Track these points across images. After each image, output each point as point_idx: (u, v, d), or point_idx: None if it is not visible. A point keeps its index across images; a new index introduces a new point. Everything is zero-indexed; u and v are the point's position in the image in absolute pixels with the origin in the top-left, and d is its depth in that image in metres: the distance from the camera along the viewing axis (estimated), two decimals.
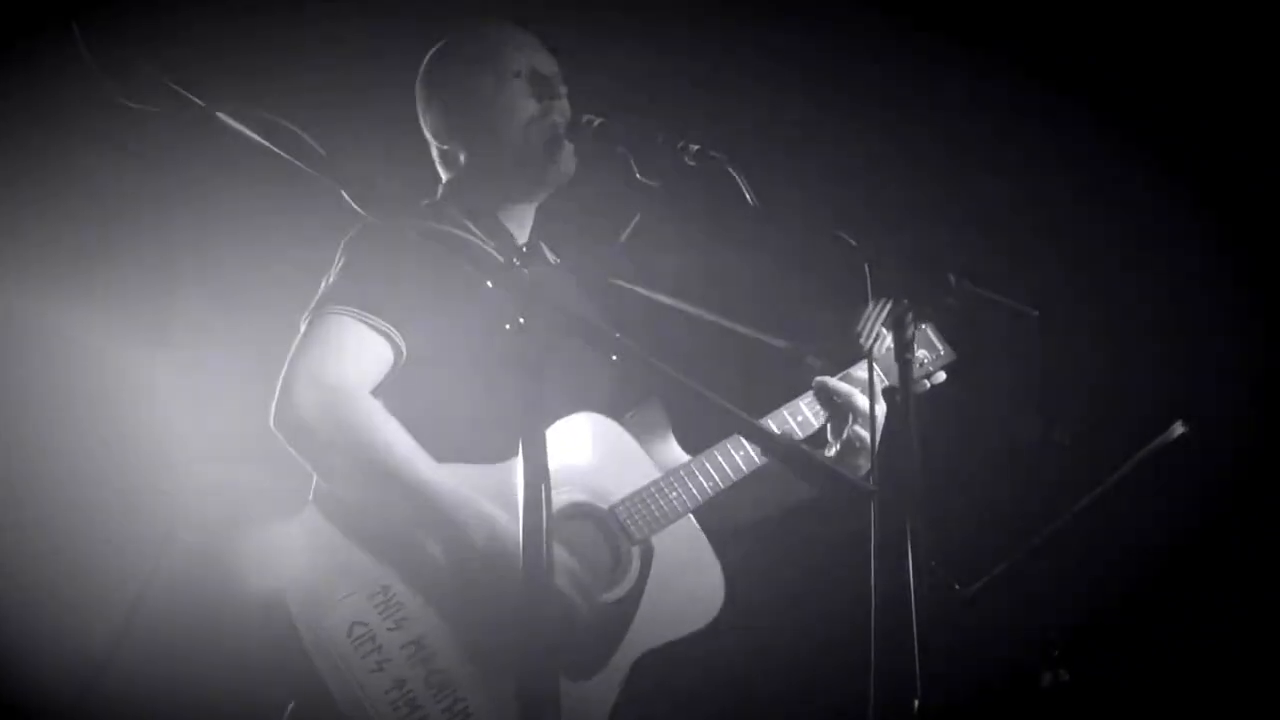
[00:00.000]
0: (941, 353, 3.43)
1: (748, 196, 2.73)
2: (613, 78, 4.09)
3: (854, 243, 2.68)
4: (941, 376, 3.40)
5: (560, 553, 2.95)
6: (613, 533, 3.09)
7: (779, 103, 4.34)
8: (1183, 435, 3.17)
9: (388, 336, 2.98)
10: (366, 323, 2.97)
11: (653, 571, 3.09)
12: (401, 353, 3.01)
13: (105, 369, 4.08)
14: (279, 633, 2.82)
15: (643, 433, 3.28)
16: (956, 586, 3.20)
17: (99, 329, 4.06)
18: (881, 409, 3.21)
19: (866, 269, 2.66)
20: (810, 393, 3.30)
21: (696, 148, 2.86)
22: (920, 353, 3.38)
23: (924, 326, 3.42)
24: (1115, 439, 3.40)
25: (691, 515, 3.17)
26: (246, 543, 3.02)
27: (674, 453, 3.31)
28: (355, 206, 2.47)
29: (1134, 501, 3.30)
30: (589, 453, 3.11)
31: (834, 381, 3.29)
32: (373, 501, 2.93)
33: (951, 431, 3.78)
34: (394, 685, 2.82)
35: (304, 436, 2.91)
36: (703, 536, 3.20)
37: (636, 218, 3.13)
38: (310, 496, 2.98)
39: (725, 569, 3.19)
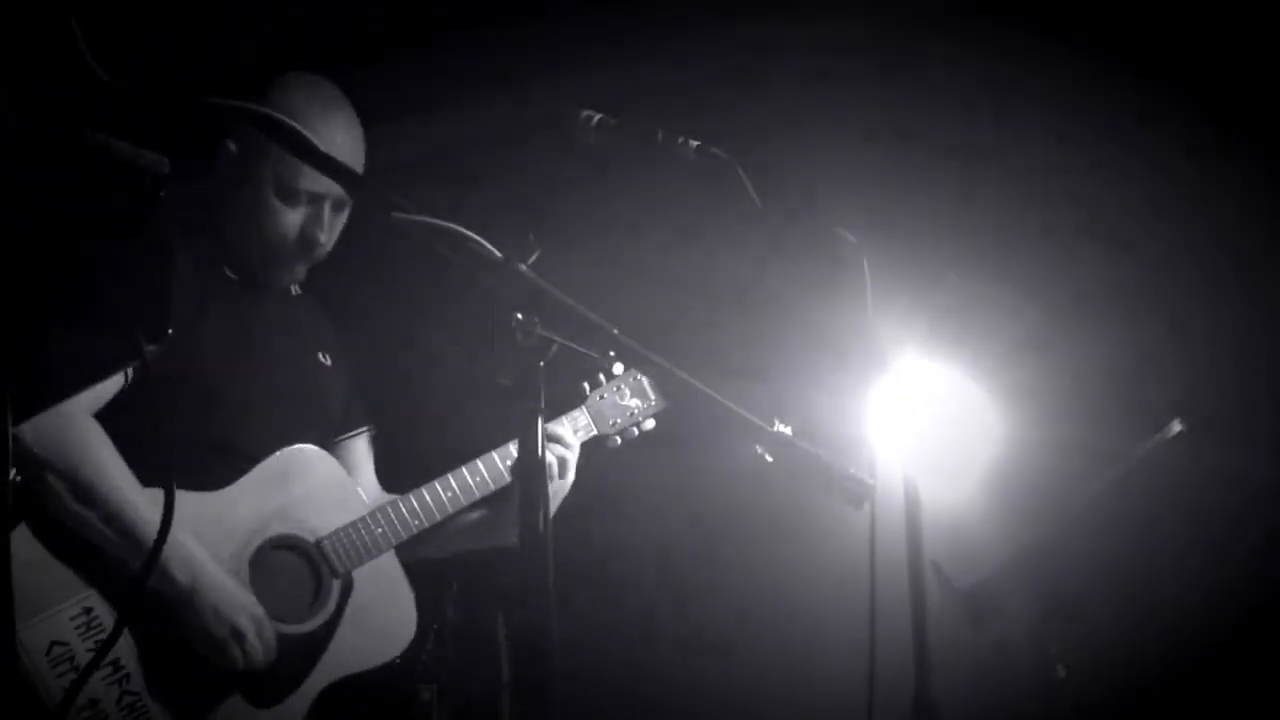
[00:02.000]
0: (653, 401, 3.56)
1: (751, 194, 2.73)
2: (612, 76, 4.10)
3: (853, 240, 2.68)
4: (651, 424, 3.55)
5: (246, 596, 3.05)
6: (316, 564, 3.19)
7: (778, 101, 4.35)
8: (1181, 433, 3.17)
9: None
10: None
11: (349, 604, 3.20)
12: (128, 377, 3.03)
13: None
14: None
15: (351, 463, 3.41)
16: (954, 582, 3.20)
17: None
18: (572, 455, 3.39)
19: (865, 266, 2.67)
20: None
21: (697, 144, 2.86)
22: (633, 401, 3.53)
23: (638, 376, 3.56)
24: (1114, 437, 3.40)
25: (394, 551, 3.29)
26: None
27: (374, 486, 3.45)
28: (356, 202, 2.48)
29: (1132, 499, 3.30)
30: (302, 485, 3.21)
31: (553, 427, 3.38)
32: (80, 529, 2.97)
33: (951, 432, 3.79)
34: (87, 704, 2.89)
35: (23, 455, 2.93)
36: (400, 571, 3.31)
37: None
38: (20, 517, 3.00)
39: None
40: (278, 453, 3.18)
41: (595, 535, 4.15)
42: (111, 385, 3.02)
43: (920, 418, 3.02)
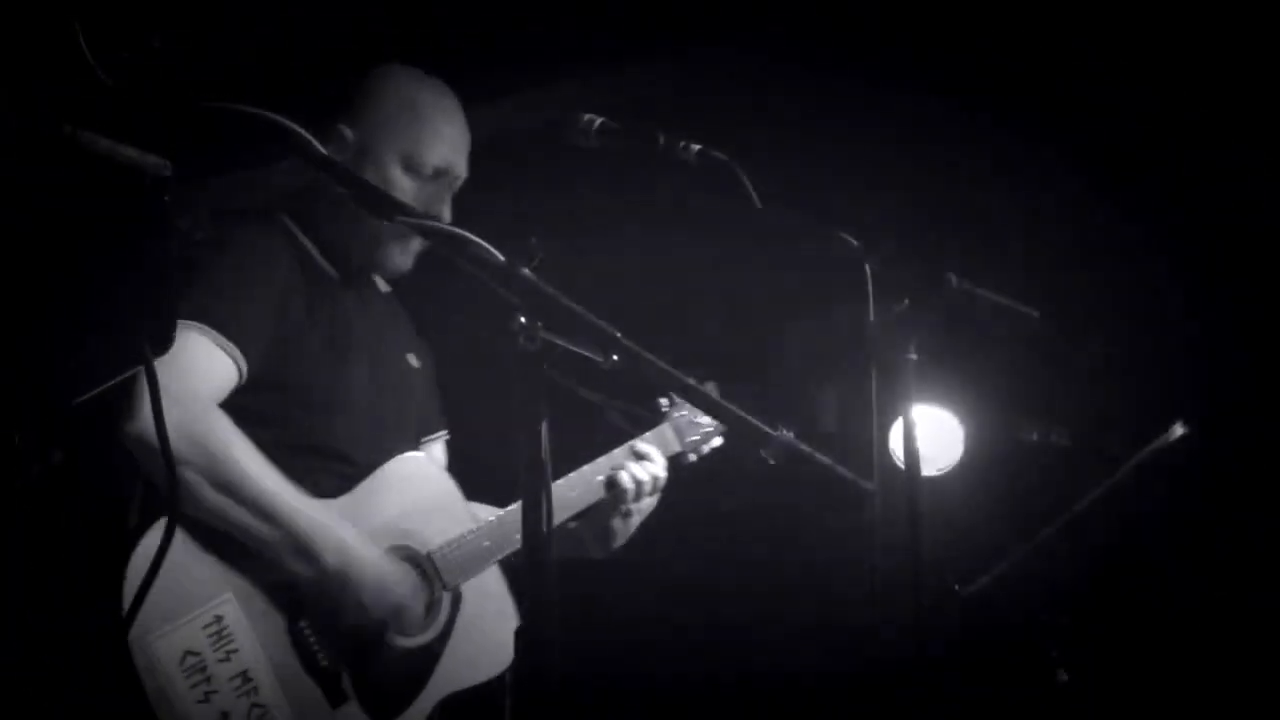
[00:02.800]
0: (712, 429, 3.53)
1: (752, 196, 2.73)
2: (613, 80, 4.11)
3: (855, 242, 2.68)
4: (718, 441, 3.53)
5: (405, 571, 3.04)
6: (429, 577, 3.15)
7: (778, 104, 4.35)
8: (1183, 436, 3.18)
9: (232, 358, 2.97)
10: (216, 343, 2.95)
11: (459, 618, 3.16)
12: (242, 376, 3.00)
13: None
14: (112, 650, 2.84)
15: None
16: (957, 587, 3.21)
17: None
18: (662, 473, 3.38)
19: (867, 269, 2.67)
20: (620, 450, 3.41)
21: (698, 148, 2.86)
22: (704, 417, 3.51)
23: (683, 411, 3.53)
24: (1116, 440, 3.41)
25: (498, 564, 3.25)
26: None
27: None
28: (361, 207, 2.48)
29: (1135, 502, 3.31)
30: (414, 494, 3.18)
31: (633, 467, 3.36)
32: (222, 520, 2.93)
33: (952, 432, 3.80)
34: (219, 716, 2.85)
35: (153, 451, 2.84)
36: (504, 585, 3.27)
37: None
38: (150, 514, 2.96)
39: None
40: (391, 461, 3.14)
41: None
42: (228, 379, 2.98)
43: (921, 420, 3.03)
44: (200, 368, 2.94)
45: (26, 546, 3.98)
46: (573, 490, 3.32)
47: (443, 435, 3.46)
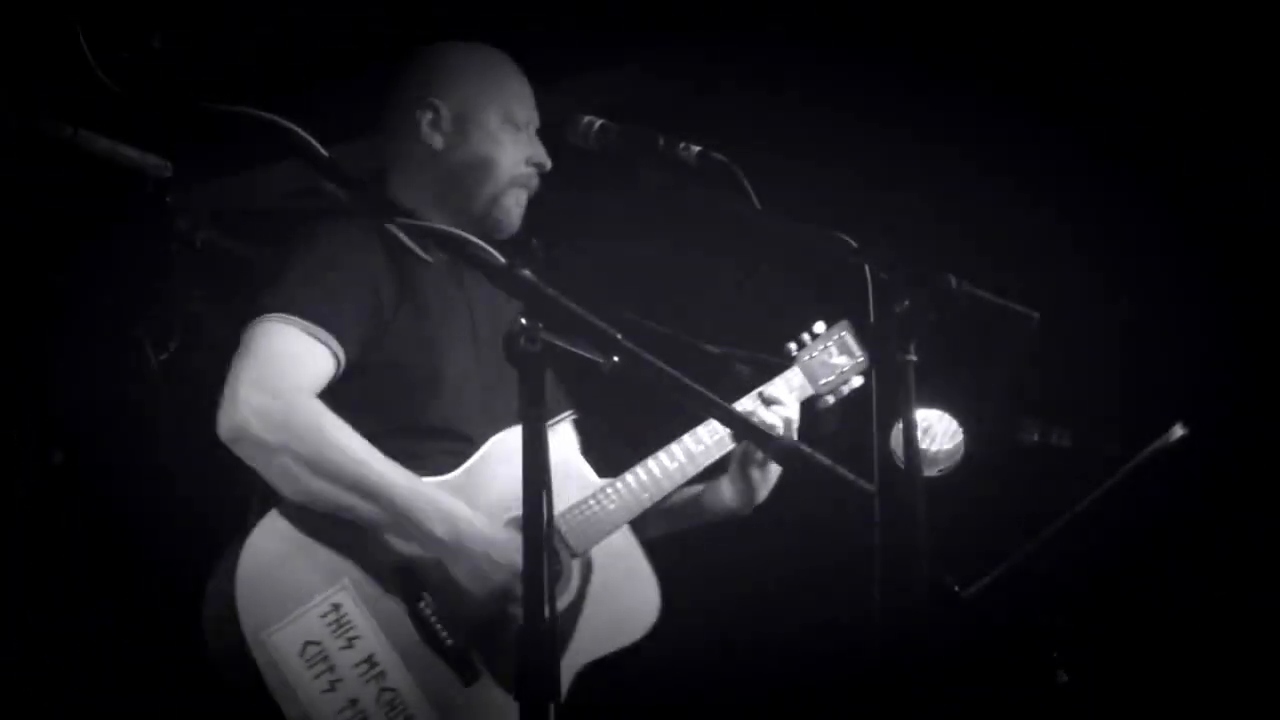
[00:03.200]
0: (858, 359, 3.43)
1: (752, 198, 2.73)
2: (613, 81, 4.11)
3: (854, 244, 2.68)
4: (858, 381, 3.42)
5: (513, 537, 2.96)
6: (554, 546, 3.09)
7: (778, 105, 4.35)
8: (1183, 437, 3.18)
9: (328, 346, 2.97)
10: (307, 331, 2.95)
11: (591, 585, 3.13)
12: (340, 364, 3.00)
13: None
14: (230, 649, 2.82)
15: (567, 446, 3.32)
16: (957, 588, 3.21)
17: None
18: (794, 415, 3.29)
19: (866, 271, 2.66)
20: (747, 398, 3.33)
21: (698, 149, 2.86)
22: (841, 358, 3.42)
23: (843, 333, 3.44)
24: (1115, 441, 3.41)
25: (628, 527, 3.20)
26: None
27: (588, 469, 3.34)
28: (359, 207, 2.49)
29: (1134, 504, 3.31)
30: None
31: (762, 412, 3.30)
32: (328, 504, 2.92)
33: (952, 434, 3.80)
34: (347, 704, 2.83)
35: (251, 443, 2.90)
36: (638, 548, 3.23)
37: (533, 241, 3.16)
38: (264, 506, 2.96)
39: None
40: (501, 433, 3.08)
41: None
42: (324, 368, 2.98)
43: (922, 422, 3.03)
44: (293, 358, 2.93)
45: (26, 547, 3.99)
46: (699, 445, 3.25)
47: (569, 416, 3.37)
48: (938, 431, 3.81)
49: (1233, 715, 4.16)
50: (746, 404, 3.29)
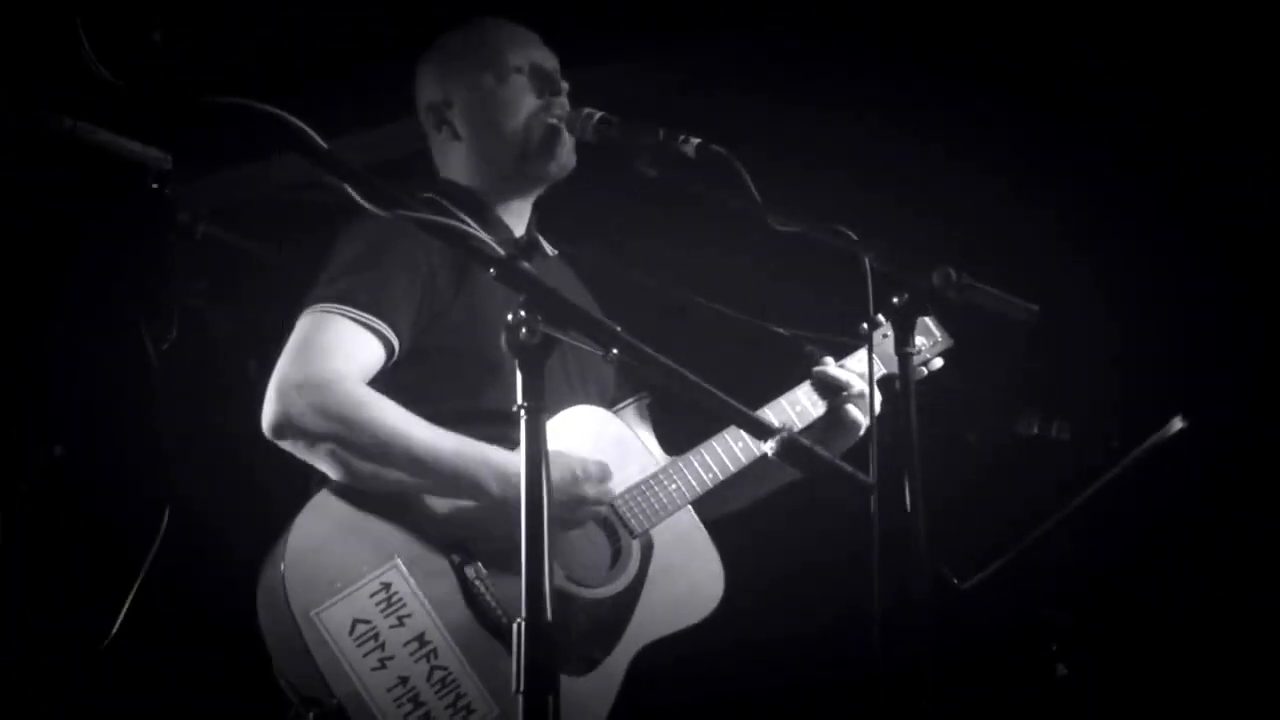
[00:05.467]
0: (939, 340, 3.43)
1: (751, 190, 2.73)
2: (613, 75, 4.11)
3: (854, 237, 2.69)
4: (939, 363, 3.41)
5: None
6: (613, 526, 3.09)
7: (779, 98, 4.35)
8: (1181, 430, 3.18)
9: (380, 334, 2.97)
10: (358, 321, 2.95)
11: (652, 564, 3.10)
12: (394, 350, 2.99)
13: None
14: (280, 627, 2.81)
15: (634, 428, 3.30)
16: (956, 581, 3.21)
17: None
18: (878, 399, 3.26)
19: (866, 263, 2.67)
20: (808, 382, 3.31)
21: (698, 141, 2.87)
22: (919, 340, 3.35)
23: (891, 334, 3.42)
24: (1115, 434, 3.41)
25: (690, 507, 3.18)
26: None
27: (657, 450, 3.32)
28: (359, 200, 2.48)
29: (1133, 496, 3.31)
30: (589, 445, 3.10)
31: (833, 370, 3.30)
32: (381, 485, 2.91)
33: (951, 426, 3.79)
34: (397, 682, 2.81)
35: (293, 436, 2.90)
36: (702, 528, 3.20)
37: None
38: (322, 486, 2.95)
39: (726, 562, 3.19)
40: (561, 413, 3.08)
41: None
42: (375, 355, 2.97)
43: (920, 413, 3.02)
44: (342, 348, 2.93)
45: (26, 545, 3.99)
46: (777, 419, 3.24)
47: (639, 399, 3.37)
48: None
49: (1231, 710, 4.16)
50: (838, 373, 3.28)
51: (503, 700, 2.84)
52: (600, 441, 3.13)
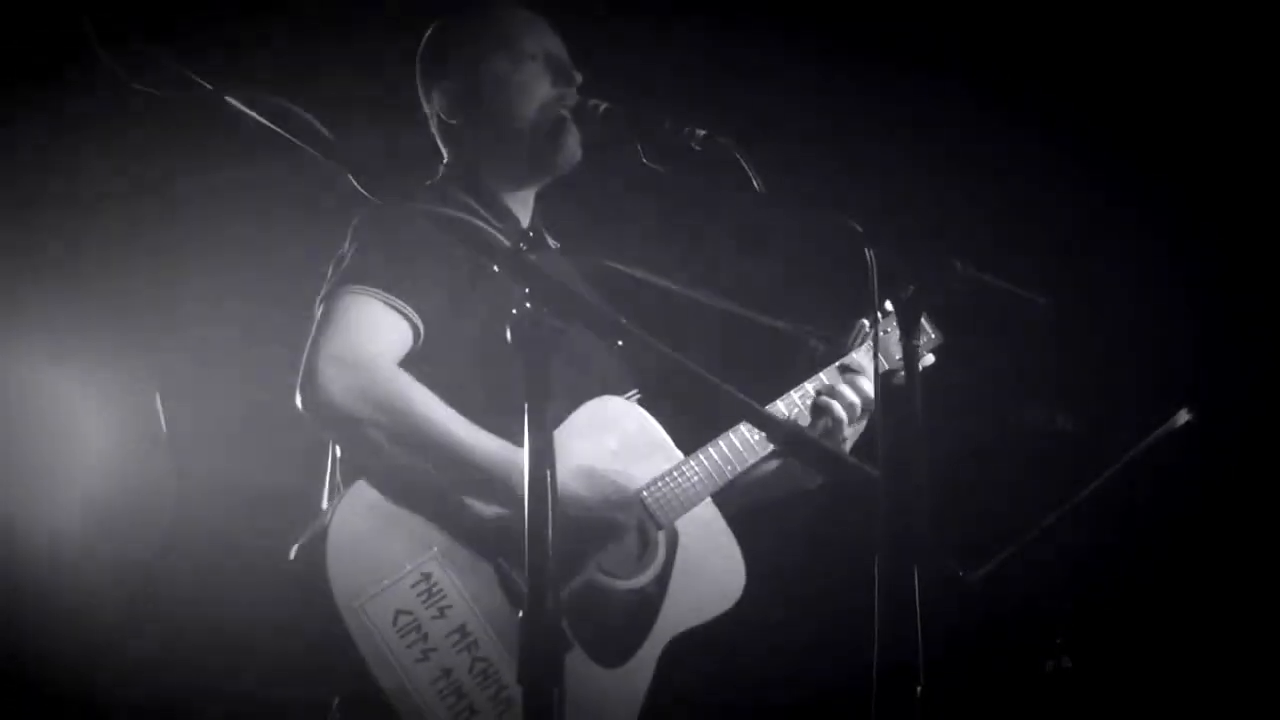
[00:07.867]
0: (931, 336, 3.42)
1: (754, 181, 2.73)
2: (619, 65, 4.10)
3: (859, 227, 2.68)
4: (930, 359, 3.40)
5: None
6: (640, 518, 3.09)
7: (785, 90, 4.35)
8: (1188, 423, 3.18)
9: (407, 317, 2.96)
10: (386, 302, 2.94)
11: (678, 556, 3.10)
12: (420, 333, 2.99)
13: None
14: (321, 621, 2.79)
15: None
16: (961, 573, 3.20)
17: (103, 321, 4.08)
18: (869, 388, 3.26)
19: (870, 254, 2.66)
20: (817, 377, 3.31)
21: (703, 133, 2.86)
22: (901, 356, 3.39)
23: (890, 329, 3.36)
24: (1120, 426, 3.41)
25: (710, 499, 3.17)
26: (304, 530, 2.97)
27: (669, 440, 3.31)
28: (362, 191, 2.48)
29: (1139, 489, 3.31)
30: (615, 436, 3.11)
31: (851, 360, 3.29)
32: (414, 472, 2.90)
33: (957, 418, 3.79)
34: (441, 674, 2.80)
35: (334, 415, 2.88)
36: (722, 520, 3.20)
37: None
38: (353, 480, 2.94)
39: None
40: (585, 405, 3.08)
41: None
42: (404, 338, 2.97)
43: (921, 406, 3.01)
44: (372, 327, 2.93)
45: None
46: (785, 412, 3.22)
47: (633, 395, 3.32)
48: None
49: (1233, 704, 4.17)
50: (823, 377, 3.27)
51: None
52: (625, 433, 3.13)
